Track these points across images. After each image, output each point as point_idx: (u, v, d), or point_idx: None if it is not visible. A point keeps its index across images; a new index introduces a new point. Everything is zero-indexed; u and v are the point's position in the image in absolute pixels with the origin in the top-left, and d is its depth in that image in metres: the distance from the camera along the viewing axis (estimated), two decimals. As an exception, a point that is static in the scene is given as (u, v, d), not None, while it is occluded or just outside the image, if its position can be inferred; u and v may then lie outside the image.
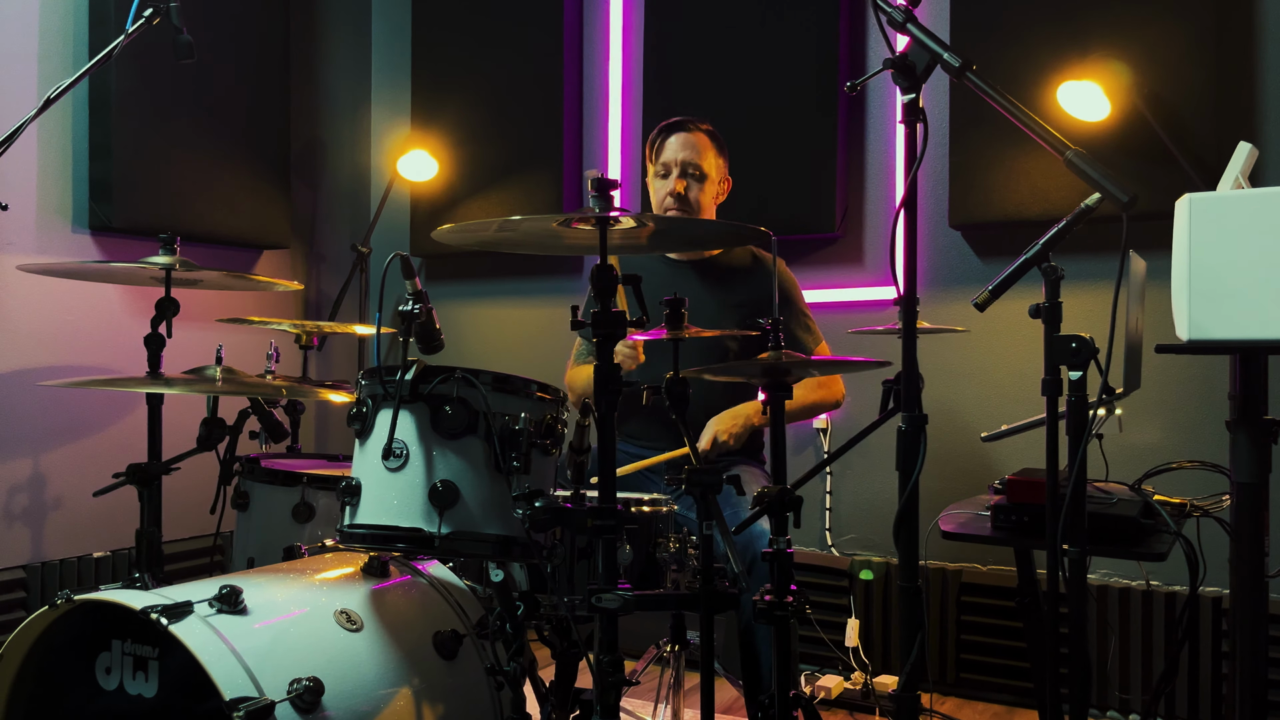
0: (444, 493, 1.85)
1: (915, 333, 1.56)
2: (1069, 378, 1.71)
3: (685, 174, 2.95)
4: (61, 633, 1.90)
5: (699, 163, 2.95)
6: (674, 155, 2.97)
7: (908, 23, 1.50)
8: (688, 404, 2.01)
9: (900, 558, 1.53)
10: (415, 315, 1.92)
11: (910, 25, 1.50)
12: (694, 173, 2.95)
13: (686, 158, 2.95)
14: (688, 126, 2.99)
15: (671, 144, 2.98)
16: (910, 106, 1.54)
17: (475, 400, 1.89)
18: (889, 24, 1.52)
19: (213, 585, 1.88)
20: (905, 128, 1.56)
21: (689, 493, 1.88)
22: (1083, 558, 1.68)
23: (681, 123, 3.00)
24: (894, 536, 1.52)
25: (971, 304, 1.82)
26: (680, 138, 2.97)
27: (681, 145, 2.97)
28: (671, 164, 2.97)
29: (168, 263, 2.55)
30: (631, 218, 1.83)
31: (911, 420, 1.52)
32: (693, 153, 2.96)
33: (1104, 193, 1.45)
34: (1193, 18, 3.08)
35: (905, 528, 1.51)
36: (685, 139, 2.97)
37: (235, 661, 1.71)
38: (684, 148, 2.96)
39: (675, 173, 2.96)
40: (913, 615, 1.52)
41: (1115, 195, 1.41)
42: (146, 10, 2.68)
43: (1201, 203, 2.04)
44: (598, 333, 1.81)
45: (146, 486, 2.50)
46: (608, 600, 1.78)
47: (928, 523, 3.52)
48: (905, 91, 1.53)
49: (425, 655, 2.04)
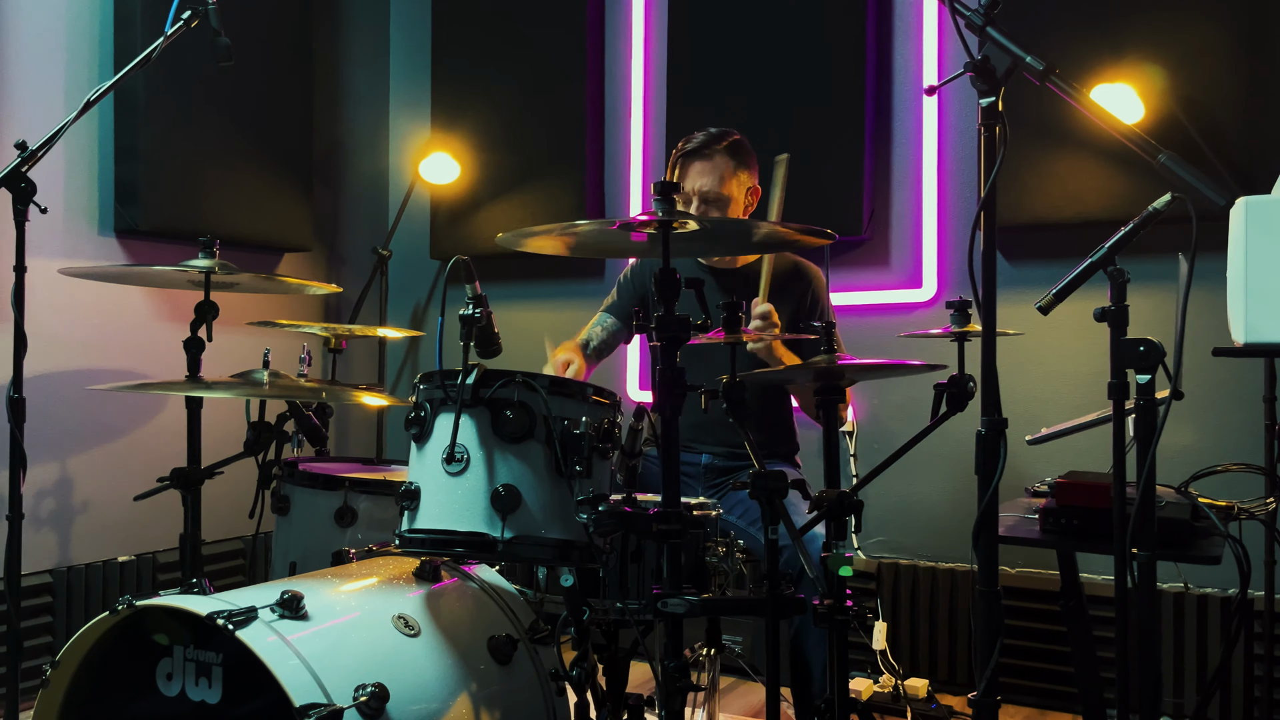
0: (506, 497, 1.84)
1: (995, 335, 1.55)
2: (1136, 381, 1.70)
3: (705, 202, 2.85)
4: (120, 638, 1.89)
5: (719, 190, 2.84)
6: (693, 185, 2.85)
7: (988, 26, 1.49)
8: (746, 408, 2.01)
9: (979, 563, 1.52)
10: (475, 319, 1.91)
11: (990, 29, 1.49)
12: (714, 199, 2.85)
13: (704, 187, 2.84)
14: (703, 153, 2.86)
15: (690, 174, 2.86)
16: (990, 110, 1.53)
17: (536, 404, 1.88)
18: (967, 27, 1.52)
19: (273, 590, 1.87)
20: (984, 130, 1.56)
21: (754, 497, 1.87)
22: (1152, 562, 1.67)
23: (697, 150, 2.87)
24: (973, 541, 1.52)
25: (1035, 307, 1.81)
26: (697, 166, 2.86)
27: (699, 174, 2.85)
28: (691, 194, 2.86)
29: (208, 266, 2.54)
30: (695, 221, 1.83)
31: (991, 425, 1.51)
32: (713, 180, 2.84)
33: (1201, 197, 1.44)
34: (1228, 21, 3.08)
35: (985, 532, 1.50)
36: (702, 167, 2.85)
37: (303, 668, 1.70)
38: (701, 175, 2.85)
39: (695, 203, 2.86)
40: (993, 620, 1.51)
41: (1214, 199, 1.41)
42: (185, 13, 2.68)
43: (1258, 206, 2.04)
44: (662, 336, 1.80)
45: (189, 491, 2.49)
46: (673, 605, 1.77)
47: (960, 524, 3.55)
48: (984, 95, 1.53)
49: (481, 660, 2.03)
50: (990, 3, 1.51)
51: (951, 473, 3.58)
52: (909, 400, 3.63)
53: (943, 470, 3.57)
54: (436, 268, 4.64)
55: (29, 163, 2.48)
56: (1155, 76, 3.09)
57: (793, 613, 1.81)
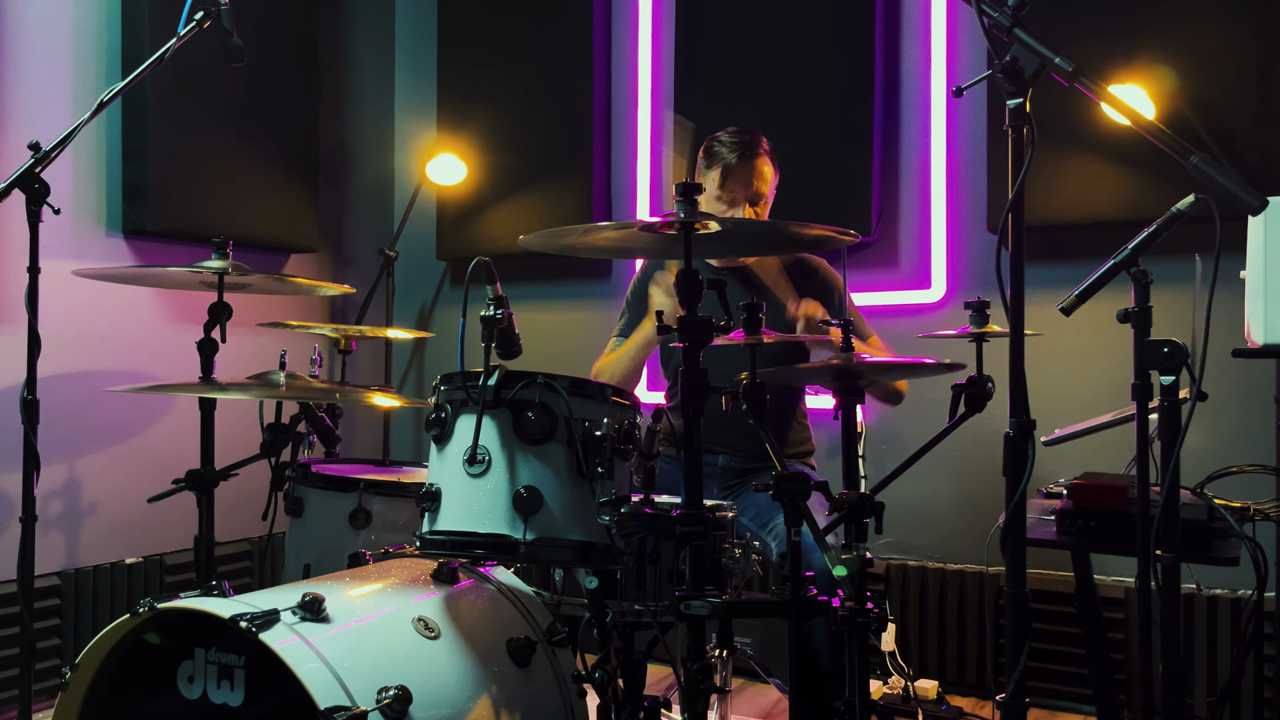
0: (528, 499, 1.83)
1: (1023, 336, 1.55)
2: (1161, 382, 1.70)
3: (754, 204, 2.88)
4: (139, 641, 1.88)
5: (764, 190, 2.89)
6: (744, 186, 2.86)
7: (1016, 27, 1.49)
8: (766, 409, 2.00)
9: (1007, 565, 1.52)
10: (497, 320, 1.90)
11: (1018, 30, 1.49)
12: (760, 201, 2.88)
13: (757, 189, 2.88)
14: (757, 153, 2.88)
15: (742, 173, 2.86)
16: (1018, 111, 1.53)
17: (557, 405, 1.88)
18: (994, 28, 1.52)
19: (293, 593, 1.86)
20: (1012, 132, 1.55)
21: (777, 499, 1.87)
22: (1176, 564, 1.67)
23: (752, 150, 2.87)
24: (1001, 544, 1.51)
25: (1058, 308, 1.81)
26: (751, 167, 2.87)
27: (755, 176, 2.87)
28: (740, 196, 2.87)
29: (222, 267, 2.53)
30: (718, 222, 1.83)
31: (1020, 426, 1.51)
32: (761, 182, 2.88)
33: (1231, 199, 1.44)
34: (1239, 23, 3.08)
35: (1013, 534, 1.50)
36: (755, 168, 2.87)
37: (326, 670, 1.70)
38: (757, 178, 2.87)
39: (744, 204, 2.87)
40: (1021, 622, 1.51)
41: (1248, 202, 1.41)
42: (198, 13, 2.67)
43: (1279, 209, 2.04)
44: (685, 337, 1.80)
45: (205, 493, 2.48)
46: (697, 607, 1.77)
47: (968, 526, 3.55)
48: (1011, 96, 1.53)
49: (500, 662, 2.03)
50: (1018, 4, 1.51)
51: (960, 474, 3.58)
52: (917, 401, 3.63)
53: (952, 471, 3.57)
54: (442, 269, 4.64)
55: (43, 164, 2.47)
56: (1166, 78, 3.09)
57: (817, 614, 1.81)
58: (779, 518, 2.56)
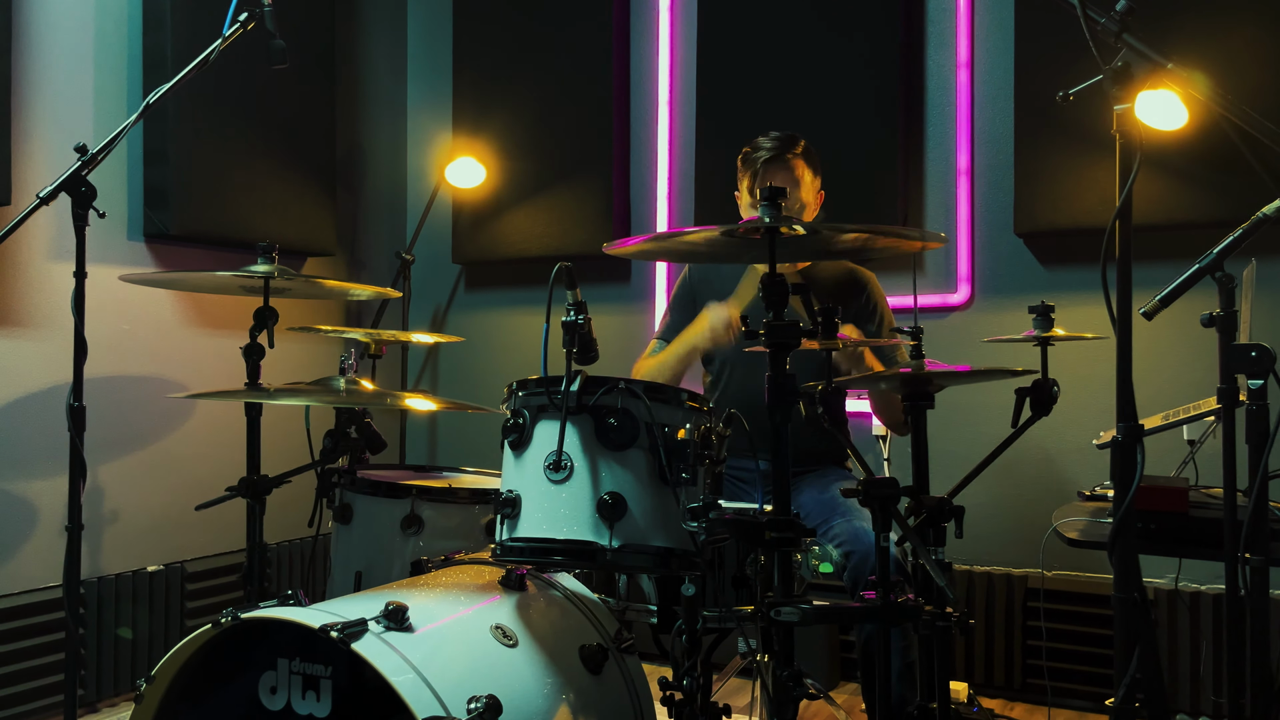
0: (613, 505, 1.83)
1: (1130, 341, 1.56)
2: (1248, 386, 1.71)
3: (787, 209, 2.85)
4: (216, 651, 1.85)
5: (800, 196, 2.84)
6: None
7: (1124, 33, 1.50)
8: (845, 416, 2.00)
9: (1115, 569, 1.52)
10: (578, 325, 1.89)
11: (1127, 35, 1.50)
12: (797, 208, 2.84)
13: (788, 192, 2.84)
14: (786, 159, 2.83)
15: (770, 175, 2.81)
16: (1125, 116, 1.54)
17: (639, 411, 1.87)
18: (1101, 33, 1.52)
19: (375, 601, 1.84)
20: (1119, 137, 1.56)
21: (866, 505, 1.87)
22: (1265, 566, 1.68)
23: (780, 156, 2.83)
24: (1109, 548, 1.52)
25: (1140, 313, 1.82)
26: (781, 169, 2.83)
27: (786, 178, 2.82)
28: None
29: (268, 271, 2.51)
30: (802, 227, 1.82)
31: (1128, 430, 1.51)
32: (793, 187, 2.82)
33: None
34: (1273, 26, 3.11)
35: (1122, 539, 1.50)
36: (786, 176, 2.82)
37: (419, 680, 1.68)
38: (788, 181, 2.81)
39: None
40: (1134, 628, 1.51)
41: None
42: (242, 14, 2.64)
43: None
44: (770, 342, 1.79)
45: (257, 500, 2.45)
46: (786, 613, 1.76)
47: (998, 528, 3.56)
48: (1118, 101, 1.53)
49: (574, 669, 2.02)
50: (1125, 10, 1.51)
51: (989, 476, 3.58)
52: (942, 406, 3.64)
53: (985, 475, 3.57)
54: (456, 272, 4.60)
55: (89, 166, 2.43)
56: (1200, 82, 3.11)
57: (908, 619, 1.80)
58: (836, 521, 2.57)
